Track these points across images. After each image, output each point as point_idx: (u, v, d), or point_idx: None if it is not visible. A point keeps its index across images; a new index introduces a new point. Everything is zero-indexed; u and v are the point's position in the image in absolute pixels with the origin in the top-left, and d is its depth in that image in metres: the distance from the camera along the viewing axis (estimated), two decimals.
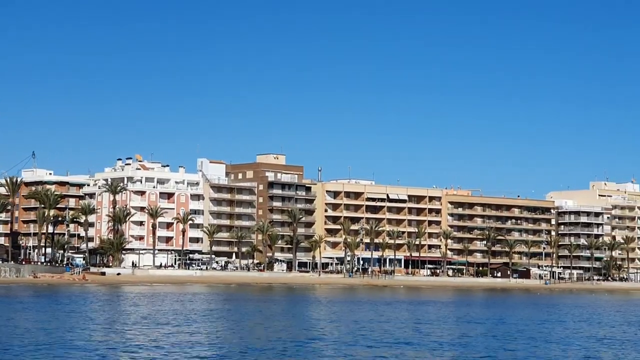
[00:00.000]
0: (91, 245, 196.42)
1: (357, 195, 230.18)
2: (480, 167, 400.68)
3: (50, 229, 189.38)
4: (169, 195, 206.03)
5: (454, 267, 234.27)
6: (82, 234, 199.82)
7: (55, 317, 76.19)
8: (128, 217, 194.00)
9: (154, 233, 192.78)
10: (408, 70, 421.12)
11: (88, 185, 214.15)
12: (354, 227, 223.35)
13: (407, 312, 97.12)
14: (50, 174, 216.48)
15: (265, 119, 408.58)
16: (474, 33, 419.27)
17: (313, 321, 78.93)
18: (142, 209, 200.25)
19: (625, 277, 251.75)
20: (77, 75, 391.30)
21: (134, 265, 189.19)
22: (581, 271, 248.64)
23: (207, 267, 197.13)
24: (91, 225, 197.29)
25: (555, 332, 74.79)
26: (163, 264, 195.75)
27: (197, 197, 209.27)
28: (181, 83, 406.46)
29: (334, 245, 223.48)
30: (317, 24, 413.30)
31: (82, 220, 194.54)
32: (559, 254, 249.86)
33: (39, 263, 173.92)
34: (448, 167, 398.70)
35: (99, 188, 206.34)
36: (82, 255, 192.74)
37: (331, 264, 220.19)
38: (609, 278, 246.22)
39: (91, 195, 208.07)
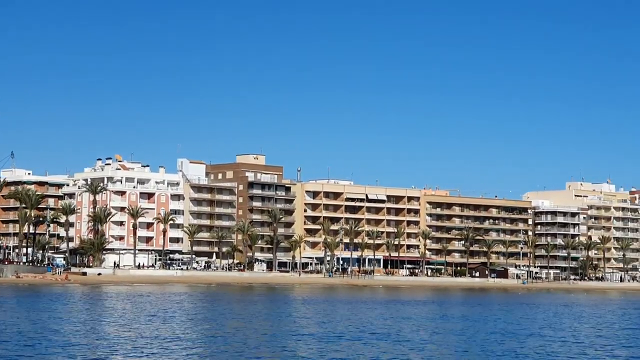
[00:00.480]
0: (71, 245, 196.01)
1: (337, 195, 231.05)
2: (458, 167, 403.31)
3: (31, 229, 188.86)
4: (149, 196, 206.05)
5: (432, 267, 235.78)
6: (62, 234, 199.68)
7: (62, 316, 76.68)
8: (109, 217, 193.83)
9: (134, 233, 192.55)
10: (383, 71, 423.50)
11: (67, 185, 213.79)
12: (334, 227, 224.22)
13: (406, 312, 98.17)
14: (29, 173, 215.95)
15: (244, 120, 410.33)
16: (473, 32, 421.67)
17: (325, 321, 79.78)
18: (122, 209, 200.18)
19: (601, 276, 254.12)
20: (55, 75, 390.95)
21: (116, 265, 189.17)
22: (558, 271, 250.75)
23: (187, 267, 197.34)
24: (71, 225, 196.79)
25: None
26: (143, 264, 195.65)
27: (178, 197, 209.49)
28: (161, 84, 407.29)
29: (314, 245, 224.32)
30: (315, 24, 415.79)
31: (62, 221, 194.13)
32: (536, 254, 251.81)
33: (20, 263, 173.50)
34: (426, 167, 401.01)
35: (79, 188, 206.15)
36: (62, 256, 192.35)
37: (311, 263, 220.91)
38: (586, 278, 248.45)
39: (71, 196, 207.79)
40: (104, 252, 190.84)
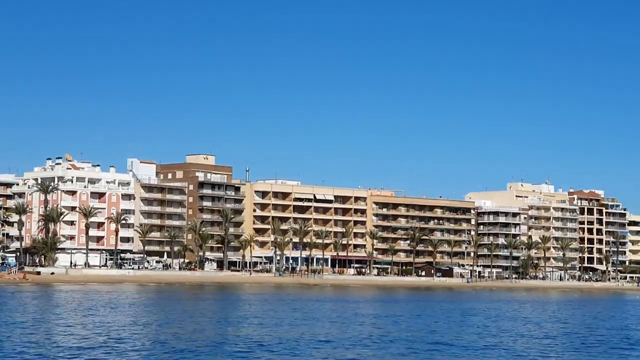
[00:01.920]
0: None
1: (285, 195, 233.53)
2: (403, 167, 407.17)
3: None
4: (100, 195, 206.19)
5: (379, 266, 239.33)
6: (11, 233, 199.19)
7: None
8: (61, 217, 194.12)
9: (86, 233, 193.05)
10: (328, 71, 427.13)
11: (17, 184, 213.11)
12: (283, 226, 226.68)
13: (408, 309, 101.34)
14: None
15: (194, 120, 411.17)
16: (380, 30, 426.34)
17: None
18: (73, 208, 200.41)
19: (542, 275, 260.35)
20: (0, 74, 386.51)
21: (72, 265, 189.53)
22: (500, 270, 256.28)
23: (139, 267, 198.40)
24: (21, 224, 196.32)
25: None
26: (93, 264, 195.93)
27: (128, 197, 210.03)
28: (110, 83, 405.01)
29: (263, 244, 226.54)
30: (262, 24, 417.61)
31: (12, 220, 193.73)
32: (479, 253, 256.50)
33: None
34: (372, 167, 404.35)
35: (29, 188, 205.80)
36: (12, 255, 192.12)
37: (260, 263, 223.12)
38: (527, 277, 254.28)
39: (20, 195, 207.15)
40: (55, 251, 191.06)
